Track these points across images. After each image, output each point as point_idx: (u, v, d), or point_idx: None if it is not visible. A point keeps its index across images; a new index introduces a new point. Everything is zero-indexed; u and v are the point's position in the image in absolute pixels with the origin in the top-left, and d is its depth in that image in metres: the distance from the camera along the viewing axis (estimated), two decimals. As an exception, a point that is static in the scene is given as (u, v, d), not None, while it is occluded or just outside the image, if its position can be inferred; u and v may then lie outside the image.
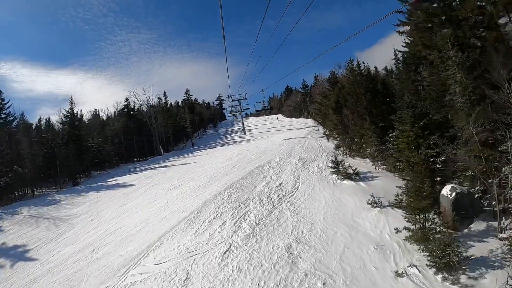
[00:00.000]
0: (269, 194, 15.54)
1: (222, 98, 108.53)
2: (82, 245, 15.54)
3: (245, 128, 60.11)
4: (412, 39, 21.57)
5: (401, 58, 25.76)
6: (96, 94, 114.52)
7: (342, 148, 24.57)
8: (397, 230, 11.28)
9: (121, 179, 30.46)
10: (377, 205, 13.78)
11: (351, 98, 21.99)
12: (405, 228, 11.24)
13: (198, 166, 27.22)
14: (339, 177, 17.60)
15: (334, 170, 18.26)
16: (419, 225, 11.08)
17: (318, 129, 41.17)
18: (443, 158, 14.84)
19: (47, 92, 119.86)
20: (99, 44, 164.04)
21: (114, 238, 14.87)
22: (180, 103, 77.38)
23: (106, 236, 15.64)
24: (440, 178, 14.27)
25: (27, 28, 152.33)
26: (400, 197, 14.30)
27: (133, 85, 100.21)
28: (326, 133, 29.76)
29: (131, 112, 53.44)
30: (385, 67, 35.09)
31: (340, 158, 19.39)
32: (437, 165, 14.52)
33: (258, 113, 71.65)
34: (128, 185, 26.20)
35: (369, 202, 13.77)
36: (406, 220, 11.26)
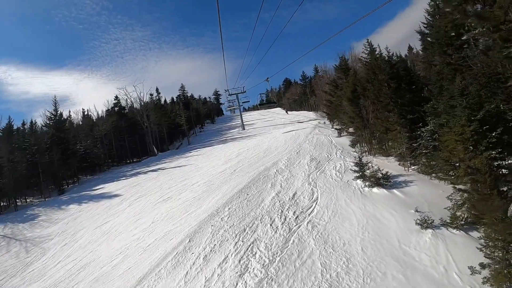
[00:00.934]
0: (281, 211, 12.13)
1: (219, 93, 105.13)
2: (48, 284, 12.22)
3: (244, 123, 56.73)
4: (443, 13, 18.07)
5: (427, 39, 22.12)
6: (93, 93, 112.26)
7: (359, 145, 21.20)
8: (473, 270, 7.92)
9: (107, 187, 27.05)
10: (428, 224, 10.41)
11: (372, 86, 18.50)
12: (482, 265, 7.93)
13: (193, 170, 23.79)
14: (366, 183, 14.19)
15: (358, 174, 14.90)
16: (504, 262, 7.77)
17: (325, 123, 37.75)
18: (510, 161, 11.49)
19: (43, 93, 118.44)
20: (93, 43, 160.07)
21: (84, 277, 11.48)
22: (175, 99, 73.59)
23: (76, 271, 12.26)
24: (506, 189, 10.96)
25: (19, 29, 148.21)
26: (452, 211, 11.01)
27: (129, 83, 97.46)
28: (337, 127, 26.30)
29: (122, 111, 49.72)
30: (393, 53, 30.91)
31: (365, 159, 15.98)
32: (503, 171, 11.21)
33: (261, 107, 61.38)
34: (112, 195, 22.79)
35: (418, 222, 10.38)
36: (487, 256, 7.89)
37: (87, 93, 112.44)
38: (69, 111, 57.62)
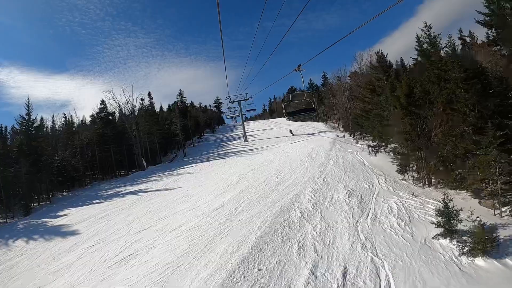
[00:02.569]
0: (331, 324, 6.07)
1: (220, 100, 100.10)
2: None
3: (246, 134, 51.04)
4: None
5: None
6: (95, 99, 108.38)
7: (409, 169, 15.24)
8: None
9: (71, 215, 21.00)
10: None
11: (438, 88, 12.69)
12: None
13: (180, 199, 17.75)
14: (464, 249, 8.22)
15: (445, 229, 8.95)
16: None
17: (344, 136, 31.87)
18: None
19: (45, 97, 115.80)
20: (96, 48, 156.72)
21: None
22: (171, 106, 67.89)
23: None
24: None
25: (23, 33, 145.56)
26: None
27: (130, 90, 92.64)
28: (371, 144, 20.35)
29: (109, 117, 43.85)
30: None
31: (418, 189, 10.04)
32: None
33: (292, 117, 20.93)
34: (69, 232, 16.71)
35: None
36: None
37: (89, 99, 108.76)
38: (53, 116, 51.66)
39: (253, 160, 26.33)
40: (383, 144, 17.95)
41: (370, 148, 19.40)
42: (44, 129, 46.21)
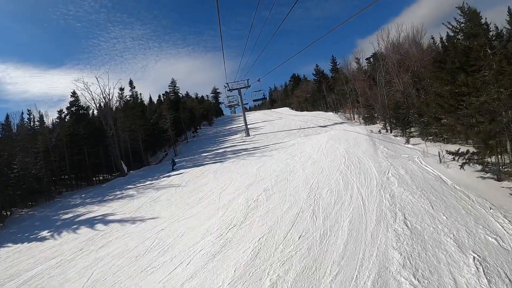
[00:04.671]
0: None
1: (218, 90, 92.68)
2: None
3: (248, 127, 43.93)
4: None
5: None
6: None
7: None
8: None
9: (9, 257, 13.92)
10: None
11: None
12: None
13: (144, 256, 10.52)
14: None
15: None
16: None
17: (380, 131, 24.56)
18: None
19: (42, 93, 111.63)
20: (92, 41, 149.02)
21: None
22: (161, 97, 60.26)
23: None
24: None
25: (17, 28, 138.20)
26: None
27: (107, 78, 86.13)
28: (453, 151, 13.13)
29: (80, 111, 36.32)
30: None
31: None
32: None
33: None
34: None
35: None
36: None
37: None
38: (22, 113, 43.67)
39: (262, 168, 19.15)
40: (487, 152, 10.69)
41: (460, 159, 12.00)
42: (13, 129, 38.97)
